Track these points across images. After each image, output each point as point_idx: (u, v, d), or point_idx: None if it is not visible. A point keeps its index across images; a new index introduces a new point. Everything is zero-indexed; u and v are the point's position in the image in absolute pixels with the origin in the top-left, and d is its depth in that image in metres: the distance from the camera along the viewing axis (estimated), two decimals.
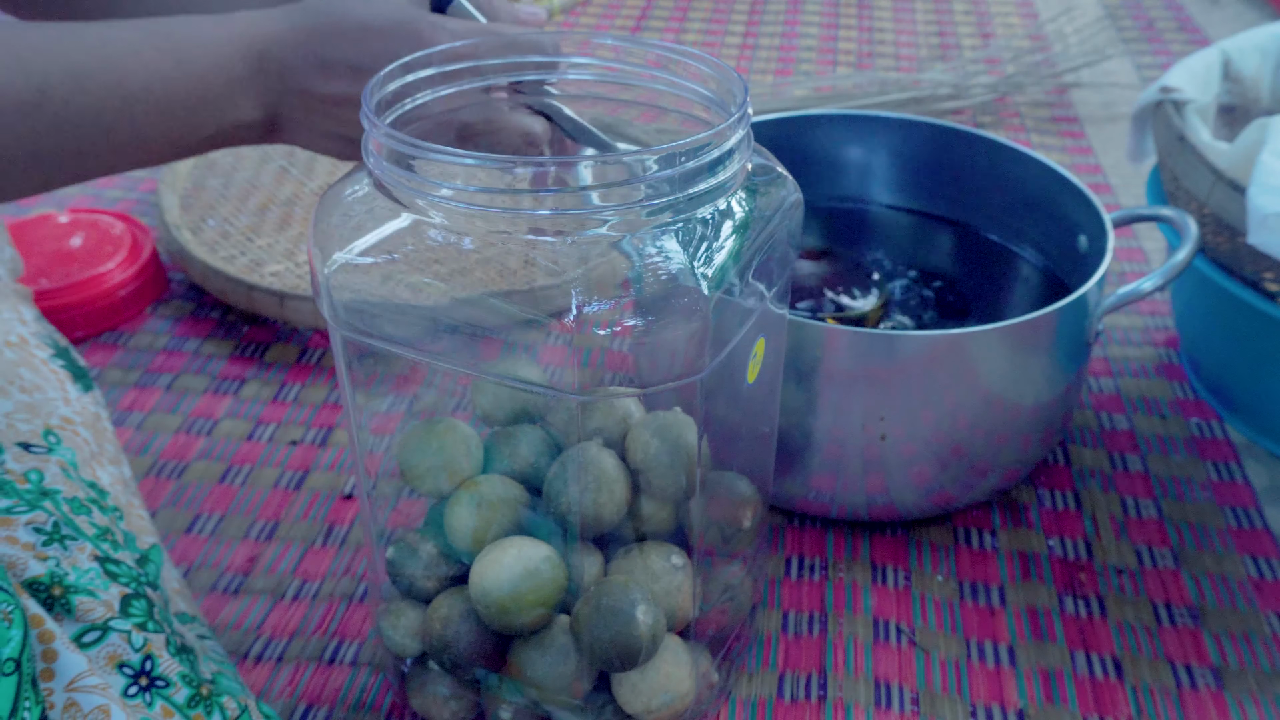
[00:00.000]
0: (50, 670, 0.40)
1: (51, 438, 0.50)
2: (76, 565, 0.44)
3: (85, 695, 0.40)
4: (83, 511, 0.48)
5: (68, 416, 0.53)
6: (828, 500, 0.66)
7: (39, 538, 0.44)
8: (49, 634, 0.40)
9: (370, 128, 0.43)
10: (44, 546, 0.43)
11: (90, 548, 0.45)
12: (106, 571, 0.45)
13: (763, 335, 0.50)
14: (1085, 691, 0.59)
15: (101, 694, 0.40)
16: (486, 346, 0.46)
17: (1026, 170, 0.75)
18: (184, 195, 0.97)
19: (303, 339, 0.84)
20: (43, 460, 0.48)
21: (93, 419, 0.55)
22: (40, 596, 0.42)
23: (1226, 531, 0.69)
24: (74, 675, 0.40)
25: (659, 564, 0.50)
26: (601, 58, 0.51)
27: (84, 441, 0.52)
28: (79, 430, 0.52)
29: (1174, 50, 1.38)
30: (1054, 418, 0.67)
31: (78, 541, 0.45)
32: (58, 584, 0.42)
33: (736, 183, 0.44)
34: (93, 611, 0.43)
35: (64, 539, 0.44)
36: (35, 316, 0.59)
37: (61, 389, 0.54)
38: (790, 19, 1.47)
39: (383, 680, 0.59)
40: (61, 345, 0.58)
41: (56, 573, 0.43)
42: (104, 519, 0.49)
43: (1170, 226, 0.72)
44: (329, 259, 0.44)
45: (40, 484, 0.47)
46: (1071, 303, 0.60)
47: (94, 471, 0.52)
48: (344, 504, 0.70)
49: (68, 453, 0.50)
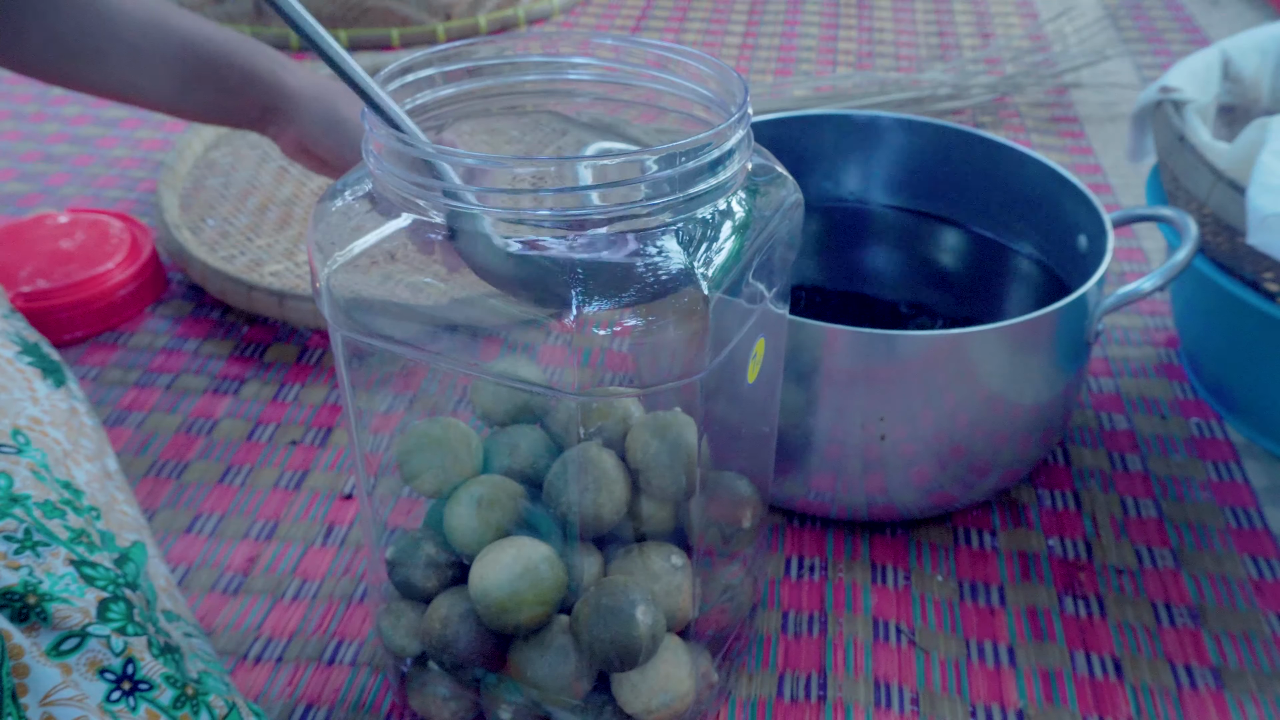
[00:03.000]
0: (24, 685, 0.39)
1: (20, 438, 0.49)
2: (51, 572, 0.43)
3: (61, 709, 0.39)
4: (56, 515, 0.46)
5: (36, 416, 0.51)
6: (828, 500, 0.66)
7: (10, 546, 0.43)
8: (18, 649, 0.39)
9: (370, 128, 0.43)
10: (16, 555, 0.42)
11: (65, 552, 0.44)
12: (83, 575, 0.44)
13: (763, 335, 0.50)
14: (1085, 691, 0.59)
15: (78, 705, 0.39)
16: (486, 346, 0.46)
17: (1026, 170, 0.75)
18: (183, 195, 0.97)
19: (303, 339, 0.84)
20: (12, 462, 0.47)
21: (65, 415, 0.54)
22: (15, 606, 0.41)
23: (1226, 531, 0.69)
24: (49, 689, 0.39)
25: (659, 564, 0.50)
26: (601, 58, 0.51)
27: (54, 441, 0.51)
28: (48, 430, 0.51)
29: (1174, 50, 1.38)
30: (1054, 417, 0.67)
31: (51, 547, 0.44)
32: (32, 592, 0.41)
33: (737, 183, 0.44)
34: (69, 618, 0.42)
35: (36, 545, 0.43)
36: (1, 314, 0.58)
37: (29, 388, 0.53)
38: (790, 19, 1.47)
39: (383, 680, 0.59)
40: (30, 341, 0.57)
41: (30, 581, 0.42)
42: (79, 520, 0.48)
43: (1170, 227, 0.72)
44: (329, 259, 0.44)
45: (9, 490, 0.46)
46: (1071, 303, 0.60)
47: (68, 470, 0.51)
48: (344, 504, 0.70)
49: (38, 454, 0.49)
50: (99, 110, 1.19)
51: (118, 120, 1.18)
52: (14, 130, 1.16)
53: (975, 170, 0.78)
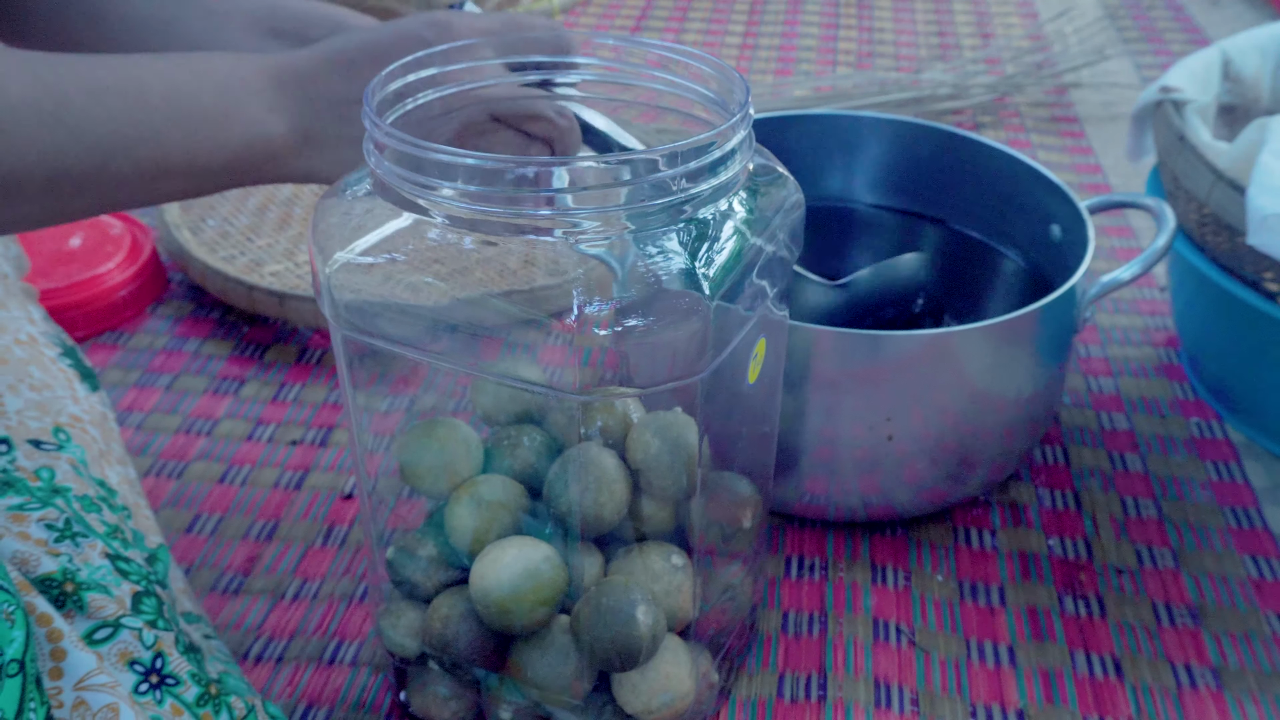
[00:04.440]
0: (59, 669, 0.40)
1: (61, 435, 0.51)
2: (88, 562, 0.44)
3: (94, 694, 0.40)
4: (93, 509, 0.48)
5: (76, 415, 0.53)
6: (826, 503, 0.66)
7: (51, 534, 0.44)
8: (57, 633, 0.40)
9: (372, 127, 0.43)
10: (56, 543, 0.44)
11: (101, 545, 0.45)
12: (117, 569, 0.45)
13: (764, 336, 0.50)
14: (1085, 691, 0.59)
15: (110, 692, 0.40)
16: (486, 346, 0.46)
17: (995, 163, 0.76)
18: None
19: (303, 339, 0.84)
20: (53, 458, 0.49)
21: (100, 418, 0.55)
22: (53, 593, 0.42)
23: (1226, 531, 0.69)
24: (83, 674, 0.40)
25: (659, 564, 0.50)
26: (601, 58, 0.51)
27: (92, 440, 0.52)
28: (87, 429, 0.53)
29: (1174, 50, 1.38)
30: (1043, 408, 0.67)
31: (89, 539, 0.45)
32: (70, 580, 0.43)
33: (738, 183, 0.44)
34: (104, 608, 0.43)
35: (75, 536, 0.45)
36: (43, 316, 0.59)
37: (70, 387, 0.55)
38: (790, 19, 1.47)
39: (383, 680, 0.59)
40: (68, 345, 0.58)
41: (69, 569, 0.43)
42: (114, 517, 0.49)
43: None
44: (330, 258, 0.44)
45: (51, 481, 0.47)
46: (1061, 295, 0.61)
47: (103, 470, 0.52)
48: (344, 504, 0.70)
49: (77, 450, 0.50)
50: None
51: None
52: None
53: (952, 167, 0.78)
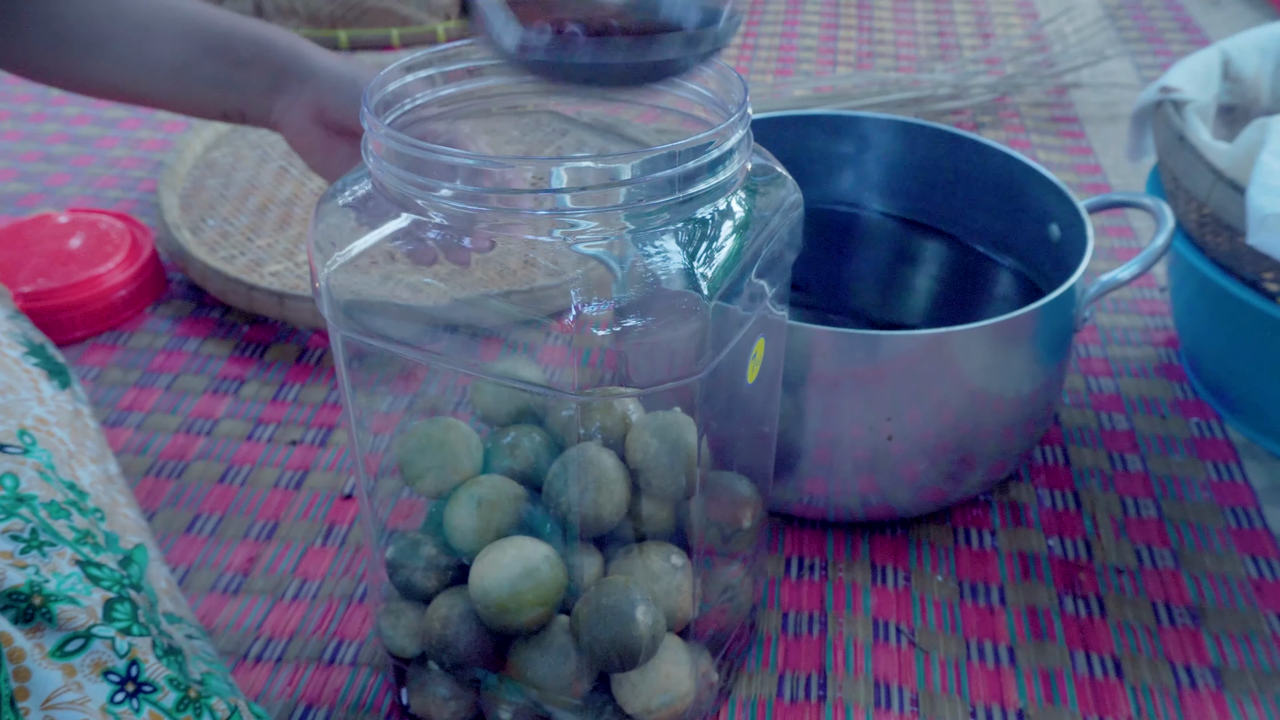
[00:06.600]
0: (24, 689, 0.39)
1: (27, 438, 0.49)
2: (57, 571, 0.43)
3: (63, 713, 0.39)
4: (61, 515, 0.47)
5: (42, 417, 0.51)
6: (826, 503, 0.66)
7: (16, 545, 0.43)
8: (19, 652, 0.39)
9: (370, 128, 0.43)
10: (22, 554, 0.42)
11: (70, 552, 0.44)
12: (88, 576, 0.44)
13: (762, 335, 0.50)
14: (1085, 691, 0.59)
15: (80, 709, 0.39)
16: (486, 346, 0.46)
17: (994, 163, 0.76)
18: (183, 195, 0.97)
19: (303, 339, 0.84)
20: (18, 462, 0.47)
21: (70, 417, 0.54)
22: (20, 607, 0.41)
23: (1226, 531, 0.69)
24: (50, 693, 0.39)
25: (659, 564, 0.50)
26: None
27: (59, 442, 0.51)
28: (54, 430, 0.51)
29: (1174, 50, 1.38)
30: (1042, 407, 0.67)
31: (57, 547, 0.44)
32: (37, 593, 0.41)
33: (736, 183, 0.44)
34: (75, 619, 0.42)
35: (43, 545, 0.43)
36: (7, 315, 0.58)
37: (35, 388, 0.53)
38: (790, 19, 1.47)
39: (383, 680, 0.59)
40: (36, 342, 0.57)
41: (35, 581, 0.42)
42: (84, 521, 0.48)
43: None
44: (329, 259, 0.44)
45: (16, 489, 0.46)
46: (1061, 294, 0.61)
47: (73, 471, 0.51)
48: (344, 504, 0.70)
49: (44, 454, 0.49)
50: (99, 110, 1.19)
51: (118, 120, 1.18)
52: (14, 130, 1.16)
53: (952, 167, 0.78)
